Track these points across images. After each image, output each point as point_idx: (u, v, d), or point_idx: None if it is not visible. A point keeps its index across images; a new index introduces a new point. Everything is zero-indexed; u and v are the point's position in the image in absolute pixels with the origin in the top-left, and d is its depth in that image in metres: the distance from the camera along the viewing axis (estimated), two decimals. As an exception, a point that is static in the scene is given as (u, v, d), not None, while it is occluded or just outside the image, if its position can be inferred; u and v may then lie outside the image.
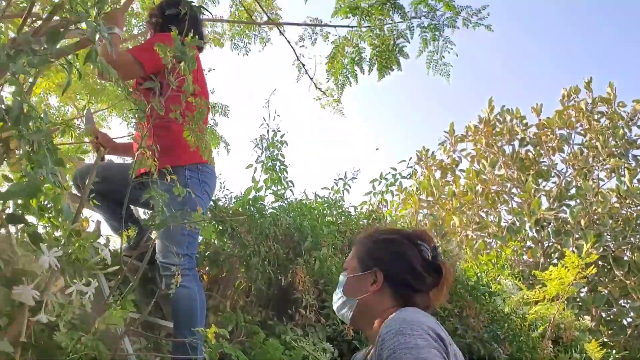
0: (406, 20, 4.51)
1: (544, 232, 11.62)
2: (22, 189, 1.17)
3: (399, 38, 4.59)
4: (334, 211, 4.17)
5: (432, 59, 4.51)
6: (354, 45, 4.78)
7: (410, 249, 1.58)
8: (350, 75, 4.76)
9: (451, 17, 4.38)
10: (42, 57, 1.15)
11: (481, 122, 13.07)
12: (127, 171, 2.53)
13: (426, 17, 4.48)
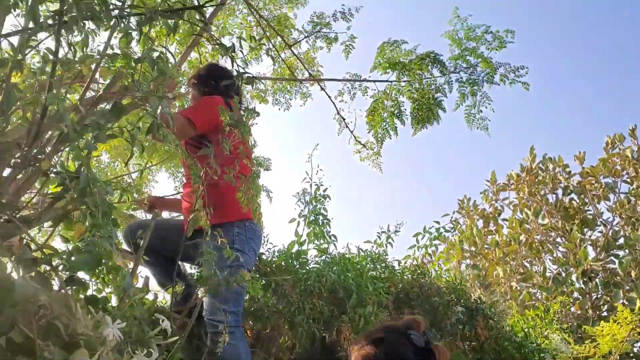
0: (445, 75, 4.55)
1: (591, 283, 11.23)
2: (87, 261, 1.21)
3: (437, 92, 4.63)
4: (378, 265, 4.13)
5: (469, 113, 4.53)
6: (393, 99, 4.83)
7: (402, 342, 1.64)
8: (390, 129, 4.80)
9: (489, 73, 4.41)
10: (107, 133, 1.20)
11: (523, 171, 12.89)
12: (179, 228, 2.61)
13: (465, 72, 4.52)
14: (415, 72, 4.67)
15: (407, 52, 4.78)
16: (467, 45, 4.64)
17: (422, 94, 4.67)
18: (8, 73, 1.73)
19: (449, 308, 3.73)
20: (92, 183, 1.24)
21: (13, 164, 1.75)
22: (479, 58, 4.52)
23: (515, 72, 4.41)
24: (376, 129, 4.86)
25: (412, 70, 4.74)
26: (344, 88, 5.29)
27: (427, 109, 4.66)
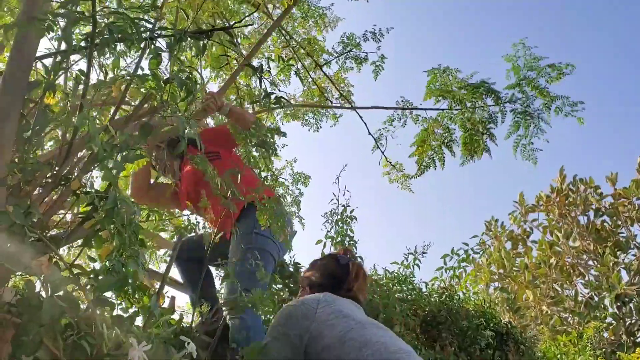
0: (499, 105, 4.45)
1: (625, 308, 10.93)
2: (115, 281, 1.21)
3: (489, 123, 4.52)
4: (405, 287, 4.08)
5: (519, 143, 4.42)
6: (444, 127, 4.73)
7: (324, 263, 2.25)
8: (437, 158, 4.69)
9: (545, 104, 4.30)
10: (137, 154, 1.21)
11: (553, 192, 12.68)
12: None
13: (520, 104, 4.42)
14: (468, 101, 4.57)
15: (460, 82, 4.67)
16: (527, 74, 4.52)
17: (474, 122, 4.55)
18: (42, 94, 1.77)
19: (478, 332, 3.65)
20: (120, 203, 1.24)
21: (44, 184, 1.77)
22: (535, 89, 4.42)
23: (573, 106, 4.29)
24: (422, 157, 4.75)
25: (464, 101, 4.63)
26: (394, 114, 5.21)
27: (477, 139, 4.54)
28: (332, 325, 1.74)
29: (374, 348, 1.64)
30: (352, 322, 1.75)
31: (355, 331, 1.71)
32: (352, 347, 1.65)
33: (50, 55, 1.84)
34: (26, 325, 1.29)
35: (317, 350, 1.71)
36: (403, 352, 1.68)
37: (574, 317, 10.87)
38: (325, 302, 1.84)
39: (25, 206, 1.45)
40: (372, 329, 1.76)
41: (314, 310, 1.81)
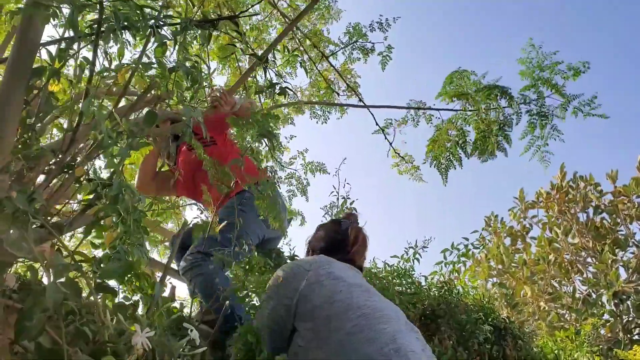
0: (513, 106, 4.42)
1: (623, 305, 10.95)
2: (118, 269, 1.21)
3: (504, 125, 4.49)
4: (404, 280, 4.08)
5: (533, 144, 4.39)
6: (458, 128, 4.72)
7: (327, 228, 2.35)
8: (454, 159, 4.68)
9: (562, 105, 4.27)
10: (142, 141, 1.21)
11: (553, 189, 12.68)
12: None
13: (535, 105, 4.39)
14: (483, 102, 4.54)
15: (474, 83, 4.65)
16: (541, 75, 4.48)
17: (488, 124, 4.53)
18: (45, 81, 1.77)
19: (476, 326, 3.65)
20: (125, 190, 1.24)
21: (47, 171, 1.78)
22: (552, 88, 4.37)
23: (590, 104, 4.25)
24: (439, 159, 4.72)
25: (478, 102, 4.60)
26: (408, 115, 5.19)
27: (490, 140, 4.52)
28: (322, 286, 1.79)
29: (360, 311, 1.67)
30: (342, 285, 1.79)
31: (343, 294, 1.75)
32: (340, 308, 1.69)
33: (55, 42, 1.83)
34: (29, 311, 1.29)
35: (306, 309, 1.76)
36: (388, 316, 1.70)
37: (571, 313, 10.90)
38: (318, 264, 1.90)
39: (28, 192, 1.45)
40: (361, 292, 1.78)
41: (306, 271, 1.87)
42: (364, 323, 1.65)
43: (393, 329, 1.65)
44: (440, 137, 4.74)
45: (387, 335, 1.62)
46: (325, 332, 1.68)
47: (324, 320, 1.70)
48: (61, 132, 1.93)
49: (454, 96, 4.63)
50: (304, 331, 1.74)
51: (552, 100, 4.40)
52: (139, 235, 1.45)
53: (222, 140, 3.05)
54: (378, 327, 1.64)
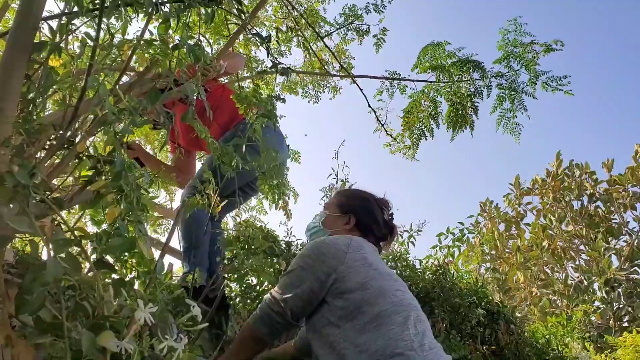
0: (485, 79, 4.51)
1: (614, 293, 11.06)
2: (122, 244, 1.22)
3: (475, 96, 4.59)
4: (399, 264, 4.11)
5: (503, 117, 4.50)
6: (430, 99, 4.79)
7: (377, 209, 2.32)
8: (426, 130, 4.76)
9: (531, 80, 4.37)
10: (144, 118, 1.21)
11: (548, 176, 12.73)
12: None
13: (506, 79, 4.48)
14: (455, 75, 4.62)
15: (449, 54, 4.71)
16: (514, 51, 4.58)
17: (460, 97, 4.62)
18: (46, 56, 1.76)
19: (470, 310, 3.69)
20: (128, 167, 1.25)
21: (48, 146, 1.77)
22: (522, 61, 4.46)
23: (558, 81, 4.34)
24: (411, 131, 4.80)
25: (452, 74, 4.69)
26: (383, 86, 5.24)
27: (463, 114, 4.61)
28: (357, 272, 1.94)
29: (390, 299, 1.85)
30: (374, 272, 1.95)
31: (376, 280, 1.91)
32: (372, 294, 1.86)
33: (57, 16, 1.82)
34: (29, 285, 1.30)
35: (340, 290, 1.91)
36: (413, 307, 1.90)
37: (562, 299, 11.00)
38: (354, 248, 2.02)
39: (29, 167, 1.45)
40: (391, 281, 1.97)
41: (344, 253, 1.99)
42: (392, 309, 1.83)
43: (416, 317, 1.86)
44: (414, 109, 4.82)
45: (411, 321, 1.82)
46: (355, 312, 1.84)
47: (355, 302, 1.86)
48: (61, 108, 1.92)
49: (429, 68, 4.71)
50: (335, 308, 1.90)
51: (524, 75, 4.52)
52: (140, 212, 1.45)
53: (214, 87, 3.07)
54: (405, 314, 1.83)
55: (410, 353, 1.68)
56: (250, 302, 3.14)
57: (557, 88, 4.32)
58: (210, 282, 2.67)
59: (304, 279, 1.99)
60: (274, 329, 2.02)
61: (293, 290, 1.99)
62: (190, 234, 2.86)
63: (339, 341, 1.81)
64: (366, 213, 2.31)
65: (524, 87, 4.47)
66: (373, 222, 2.29)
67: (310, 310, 2.00)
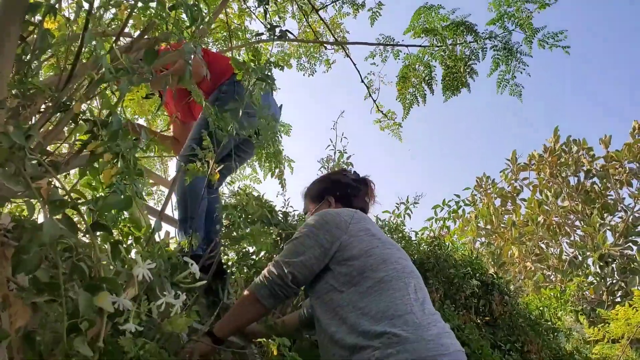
0: (479, 42, 4.47)
1: (608, 268, 11.16)
2: (119, 201, 1.22)
3: (470, 59, 4.55)
4: (395, 235, 4.13)
5: (503, 79, 4.46)
6: (425, 64, 4.76)
7: (339, 177, 2.45)
8: (418, 95, 4.74)
9: (527, 38, 4.32)
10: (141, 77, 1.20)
11: (546, 152, 12.74)
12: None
13: (500, 41, 4.43)
14: (449, 38, 4.59)
15: (442, 17, 4.66)
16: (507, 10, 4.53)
17: (455, 60, 4.59)
18: (42, 18, 1.73)
19: (464, 281, 3.72)
20: (124, 129, 1.24)
21: (44, 109, 1.76)
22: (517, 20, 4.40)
23: (555, 37, 4.28)
24: (404, 96, 4.79)
25: (446, 38, 4.66)
26: (376, 50, 5.19)
27: (458, 76, 4.59)
28: (361, 240, 2.01)
29: (393, 266, 1.92)
30: (377, 241, 2.03)
31: (379, 249, 1.99)
32: (375, 260, 1.93)
33: (52, -23, 1.79)
34: (26, 245, 1.30)
35: (343, 257, 1.98)
36: (414, 275, 1.97)
37: (557, 274, 11.10)
38: (356, 219, 2.10)
39: (25, 129, 1.44)
40: (393, 249, 2.04)
41: (347, 223, 2.06)
42: (394, 275, 1.90)
43: (416, 285, 1.92)
44: (409, 74, 4.80)
45: (411, 287, 1.88)
46: (358, 278, 1.91)
47: (358, 269, 1.93)
48: (56, 72, 1.90)
49: (422, 32, 4.67)
50: (339, 274, 1.96)
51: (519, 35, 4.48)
52: (136, 175, 1.45)
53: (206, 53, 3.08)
54: (406, 280, 1.90)
55: (410, 316, 1.73)
56: (248, 270, 3.15)
57: (555, 45, 4.28)
58: (207, 250, 2.67)
59: (308, 247, 2.04)
60: (274, 292, 2.05)
61: (297, 257, 2.04)
62: (185, 205, 2.86)
63: (342, 305, 1.86)
64: (336, 186, 2.42)
65: (518, 46, 4.43)
66: (346, 188, 2.40)
67: (312, 277, 2.05)
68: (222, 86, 2.89)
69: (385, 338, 1.67)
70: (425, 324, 1.72)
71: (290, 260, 2.04)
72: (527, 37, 4.35)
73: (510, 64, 4.42)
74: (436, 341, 1.67)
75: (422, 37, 4.71)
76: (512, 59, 4.41)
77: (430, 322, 1.75)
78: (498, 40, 4.45)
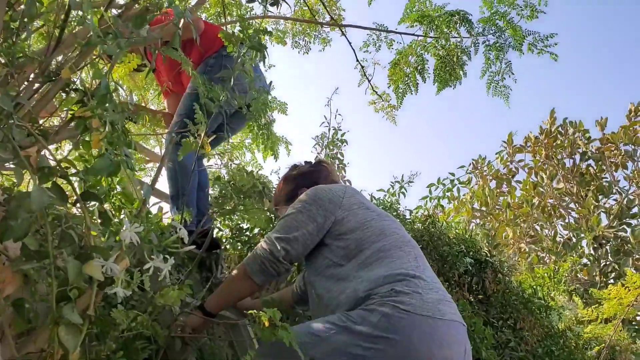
0: (472, 36, 4.49)
1: (602, 250, 11.21)
2: (107, 165, 1.20)
3: (462, 54, 4.59)
4: (389, 213, 4.12)
5: (492, 80, 4.52)
6: (417, 54, 4.77)
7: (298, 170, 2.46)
8: (411, 84, 4.76)
9: (517, 40, 4.37)
10: (129, 40, 1.18)
11: (542, 134, 12.73)
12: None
13: (492, 36, 4.47)
14: (443, 29, 4.59)
15: (436, 8, 4.67)
16: (499, 8, 4.56)
17: (447, 52, 4.61)
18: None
19: (458, 259, 3.73)
20: (112, 93, 1.22)
21: (33, 78, 1.74)
22: (507, 24, 4.46)
23: (544, 41, 4.33)
24: (397, 84, 4.80)
25: (440, 27, 4.66)
26: (370, 39, 5.19)
27: (450, 69, 4.61)
28: (356, 214, 2.02)
29: (391, 237, 1.93)
30: (373, 214, 2.04)
31: (375, 221, 1.99)
32: (372, 232, 1.94)
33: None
34: (14, 211, 1.29)
35: (339, 231, 1.99)
36: (412, 245, 1.98)
37: (551, 256, 11.14)
38: (349, 193, 2.12)
39: (12, 96, 1.42)
40: (389, 221, 2.05)
41: (340, 198, 2.07)
42: (393, 244, 1.91)
43: (416, 253, 1.94)
44: (401, 61, 4.81)
45: (412, 255, 1.89)
46: (356, 251, 1.91)
47: (356, 241, 1.94)
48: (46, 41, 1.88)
49: (416, 20, 4.68)
50: (337, 248, 1.96)
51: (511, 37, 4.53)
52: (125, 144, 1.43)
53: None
54: (405, 249, 1.92)
55: (413, 280, 1.74)
56: (242, 246, 3.15)
57: (543, 50, 4.33)
58: (199, 226, 2.66)
59: (302, 222, 2.03)
60: (265, 269, 2.02)
61: (290, 233, 2.02)
62: (176, 182, 2.85)
63: (343, 278, 1.87)
64: (301, 179, 2.42)
65: (510, 42, 4.48)
66: (311, 175, 2.42)
67: (305, 253, 2.05)
68: (210, 59, 2.85)
69: (388, 292, 1.69)
70: (426, 288, 1.74)
71: (284, 236, 2.03)
72: (517, 40, 4.41)
73: (500, 65, 4.49)
74: (435, 304, 1.68)
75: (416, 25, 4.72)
76: (503, 57, 4.46)
77: (432, 288, 1.76)
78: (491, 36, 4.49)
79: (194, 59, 2.85)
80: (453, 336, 1.67)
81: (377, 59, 5.44)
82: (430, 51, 4.82)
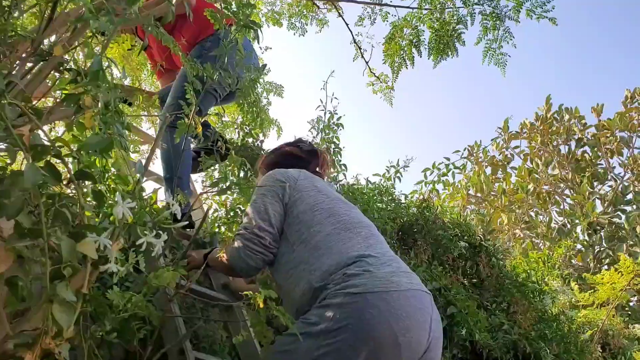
0: (468, 7, 4.44)
1: (596, 236, 11.27)
2: (100, 141, 1.20)
3: (458, 24, 4.53)
4: (385, 198, 4.13)
5: (489, 48, 4.45)
6: (412, 27, 4.73)
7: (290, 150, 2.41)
8: (407, 58, 4.72)
9: (515, 7, 4.30)
10: (122, 17, 1.17)
11: (537, 120, 12.74)
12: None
13: (489, 5, 4.40)
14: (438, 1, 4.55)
15: None
16: None
17: (442, 24, 4.57)
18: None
19: (452, 242, 3.74)
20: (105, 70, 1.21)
21: (25, 56, 1.73)
22: None
23: (542, 6, 4.27)
24: (393, 59, 4.78)
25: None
26: (365, 13, 5.16)
27: (446, 40, 4.57)
28: (308, 195, 2.03)
29: (339, 218, 1.92)
30: (323, 196, 2.03)
31: (325, 203, 1.99)
32: (322, 214, 1.93)
33: None
34: (7, 190, 1.28)
35: (292, 214, 1.99)
36: (364, 225, 1.95)
37: (545, 242, 11.20)
38: (304, 176, 2.12)
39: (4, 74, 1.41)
40: (340, 203, 2.03)
41: (295, 179, 2.08)
42: (342, 227, 1.90)
43: (366, 233, 1.91)
44: (396, 35, 4.77)
45: (362, 236, 1.88)
46: (306, 234, 1.90)
47: (306, 225, 1.93)
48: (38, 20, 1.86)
49: None
50: (290, 234, 1.96)
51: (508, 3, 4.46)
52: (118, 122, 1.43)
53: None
54: (355, 231, 1.89)
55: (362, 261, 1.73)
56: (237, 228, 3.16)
57: (542, 15, 4.26)
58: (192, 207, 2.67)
59: (269, 202, 2.03)
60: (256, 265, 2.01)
61: (263, 216, 2.00)
62: (170, 164, 2.84)
63: (294, 266, 1.86)
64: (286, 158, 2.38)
65: (507, 12, 4.41)
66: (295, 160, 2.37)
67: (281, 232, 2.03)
68: (206, 42, 2.82)
69: (340, 277, 1.68)
70: (377, 264, 1.73)
71: (258, 221, 2.00)
72: (515, 6, 4.33)
73: (497, 33, 4.41)
74: (387, 277, 1.67)
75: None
76: (500, 25, 4.39)
77: (384, 262, 1.75)
78: (487, 5, 4.42)
79: (187, 38, 2.83)
80: (412, 305, 1.64)
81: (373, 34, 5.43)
82: (426, 22, 4.77)
